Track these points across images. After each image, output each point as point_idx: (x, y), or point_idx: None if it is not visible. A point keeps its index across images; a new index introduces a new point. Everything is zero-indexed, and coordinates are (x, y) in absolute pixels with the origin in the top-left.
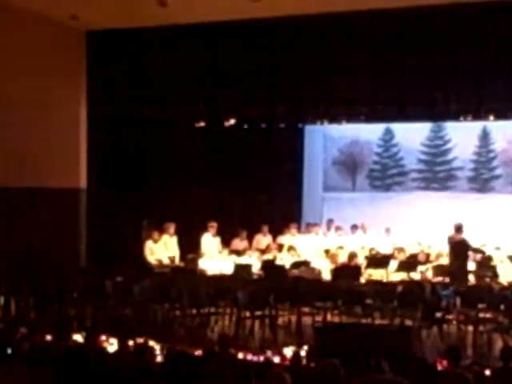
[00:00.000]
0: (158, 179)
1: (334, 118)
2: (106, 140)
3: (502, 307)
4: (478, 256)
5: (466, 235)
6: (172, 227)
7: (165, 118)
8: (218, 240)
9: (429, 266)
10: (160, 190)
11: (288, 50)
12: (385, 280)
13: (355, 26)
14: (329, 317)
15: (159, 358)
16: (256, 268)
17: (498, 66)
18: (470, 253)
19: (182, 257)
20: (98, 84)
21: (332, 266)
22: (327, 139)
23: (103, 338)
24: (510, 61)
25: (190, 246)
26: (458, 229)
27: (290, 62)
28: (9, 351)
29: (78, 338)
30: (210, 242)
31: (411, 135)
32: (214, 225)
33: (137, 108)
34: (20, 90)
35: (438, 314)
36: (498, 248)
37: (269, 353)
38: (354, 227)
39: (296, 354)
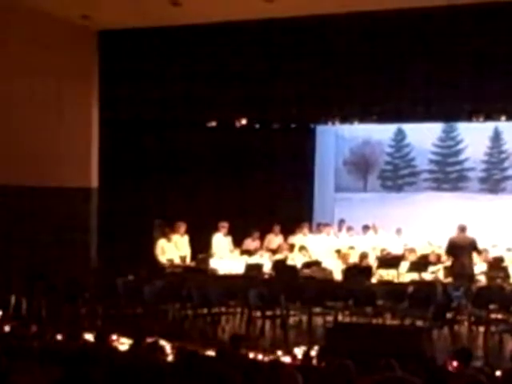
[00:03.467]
0: (169, 179)
1: (346, 118)
2: (118, 139)
3: None
4: (489, 256)
5: (474, 236)
6: (183, 227)
7: (176, 118)
8: (229, 240)
9: (440, 266)
10: (171, 190)
11: (300, 50)
12: (396, 280)
13: (367, 25)
14: (340, 317)
15: (170, 358)
16: (267, 268)
17: (510, 67)
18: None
19: (193, 256)
20: (110, 84)
21: (343, 266)
22: (339, 139)
23: (114, 337)
24: None
25: (201, 246)
26: (463, 229)
27: (302, 62)
28: (20, 350)
29: (90, 337)
30: (221, 241)
31: (423, 136)
32: (225, 225)
33: (148, 108)
34: (32, 89)
35: (449, 315)
36: (509, 249)
37: (279, 353)
38: (366, 228)
39: (307, 354)
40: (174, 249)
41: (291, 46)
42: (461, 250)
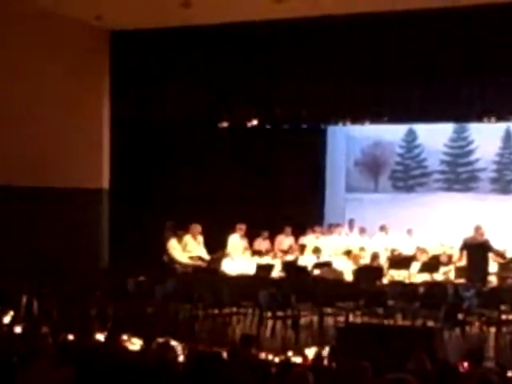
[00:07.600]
0: (180, 179)
1: (357, 119)
2: (129, 140)
3: None
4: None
5: (488, 237)
6: (197, 228)
7: (188, 119)
8: (244, 242)
9: (451, 267)
10: (182, 191)
11: (311, 50)
12: (407, 281)
13: (377, 26)
14: (351, 317)
15: (181, 358)
16: (278, 269)
17: None
18: (491, 254)
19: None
20: (121, 84)
21: (354, 267)
22: (350, 140)
23: (125, 337)
24: None
25: (211, 247)
26: (476, 230)
27: (313, 63)
28: (32, 350)
29: (100, 337)
30: (236, 243)
31: (434, 136)
32: (242, 227)
33: (160, 108)
34: (44, 89)
35: (460, 316)
36: None
37: (291, 353)
38: (382, 228)
39: (318, 355)
40: (185, 249)
41: (301, 47)
42: (472, 250)
